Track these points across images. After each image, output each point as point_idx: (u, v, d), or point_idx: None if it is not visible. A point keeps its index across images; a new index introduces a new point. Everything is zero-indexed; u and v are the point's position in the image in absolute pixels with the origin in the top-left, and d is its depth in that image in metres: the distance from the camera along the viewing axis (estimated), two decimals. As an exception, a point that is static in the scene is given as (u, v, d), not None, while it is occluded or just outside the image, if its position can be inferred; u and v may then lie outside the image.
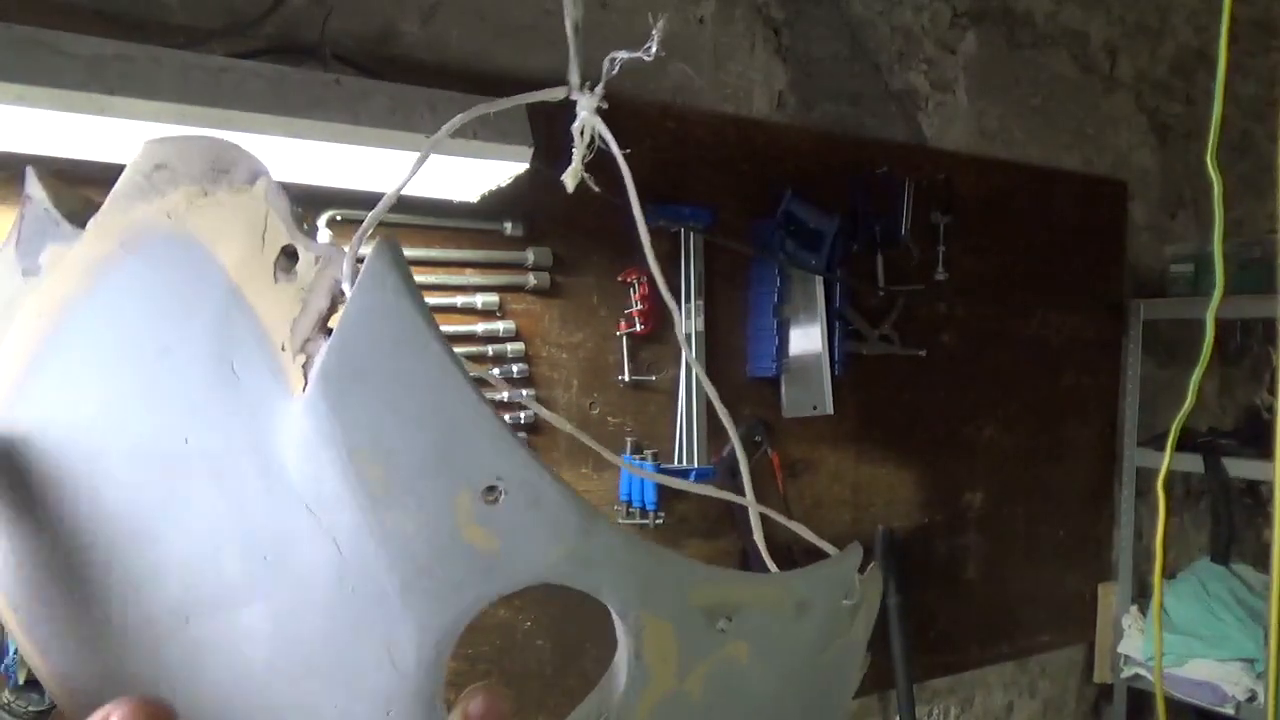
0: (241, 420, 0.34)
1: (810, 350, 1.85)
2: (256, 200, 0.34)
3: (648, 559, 0.37)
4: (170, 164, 0.35)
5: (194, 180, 0.34)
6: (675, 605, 0.37)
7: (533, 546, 0.34)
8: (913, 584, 2.07)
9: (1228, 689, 2.19)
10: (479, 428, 0.33)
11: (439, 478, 0.33)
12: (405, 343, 0.32)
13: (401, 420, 0.33)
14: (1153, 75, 2.58)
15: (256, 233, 0.34)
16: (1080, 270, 2.41)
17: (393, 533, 0.33)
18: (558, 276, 1.61)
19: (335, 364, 0.32)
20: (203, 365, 0.34)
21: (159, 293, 0.35)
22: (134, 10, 1.29)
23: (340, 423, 0.32)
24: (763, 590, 0.40)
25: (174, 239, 0.34)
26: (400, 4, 1.50)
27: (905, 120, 2.11)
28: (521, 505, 0.33)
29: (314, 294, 0.33)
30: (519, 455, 0.33)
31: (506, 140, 1.16)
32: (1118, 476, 2.49)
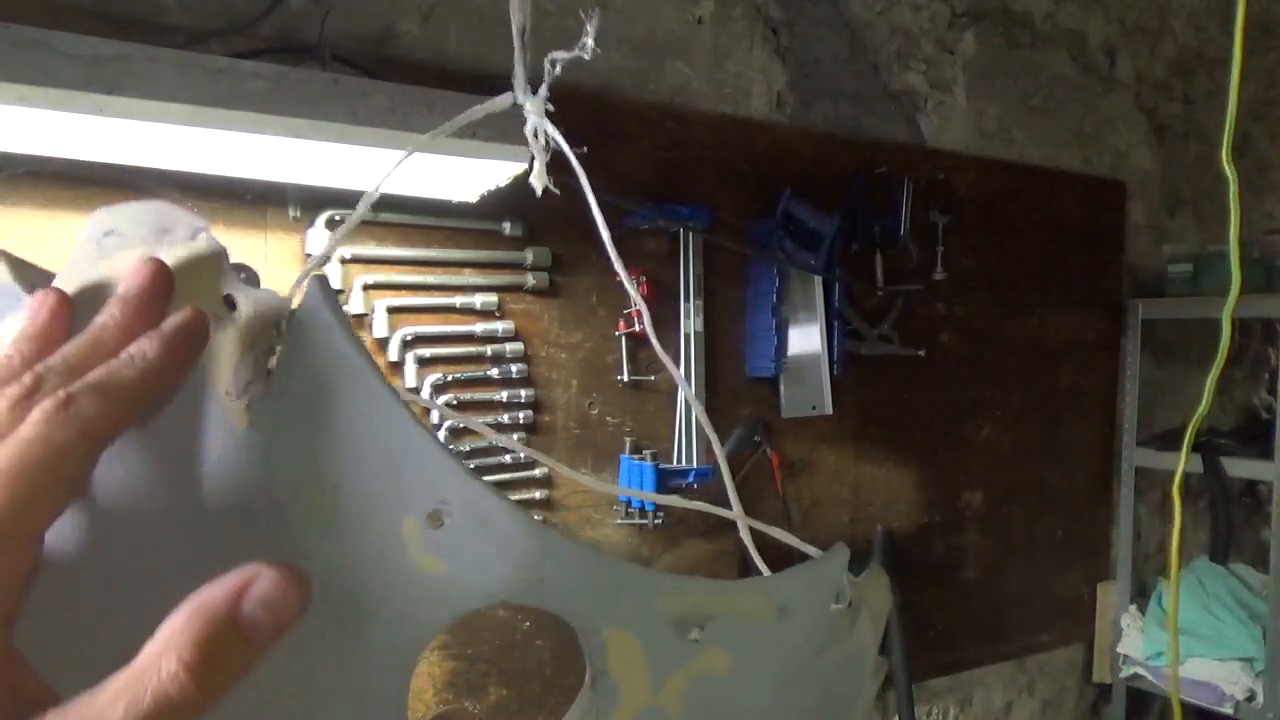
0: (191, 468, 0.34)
1: (809, 350, 1.85)
2: (199, 254, 0.35)
3: (604, 573, 0.36)
4: (118, 229, 0.36)
5: (140, 241, 0.36)
6: (639, 618, 0.37)
7: (481, 568, 0.34)
8: (912, 584, 2.07)
9: (1227, 688, 2.19)
10: (419, 453, 0.33)
11: (384, 505, 0.33)
12: (339, 376, 0.33)
13: (339, 453, 0.33)
14: (1152, 75, 2.58)
15: (199, 285, 0.35)
16: (1079, 270, 2.41)
17: (341, 565, 0.33)
18: (557, 276, 1.61)
19: (270, 404, 0.33)
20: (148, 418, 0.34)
21: None
22: (133, 10, 1.29)
23: (278, 461, 0.33)
24: (737, 597, 0.39)
25: None
26: (399, 4, 1.50)
27: (904, 120, 2.11)
28: (467, 527, 0.33)
29: (253, 337, 0.34)
30: (461, 477, 0.34)
31: (506, 140, 1.16)
32: (1116, 476, 2.49)
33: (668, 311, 1.72)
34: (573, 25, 1.68)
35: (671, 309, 1.72)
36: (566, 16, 1.65)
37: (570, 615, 0.36)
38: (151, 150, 1.10)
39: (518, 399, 1.57)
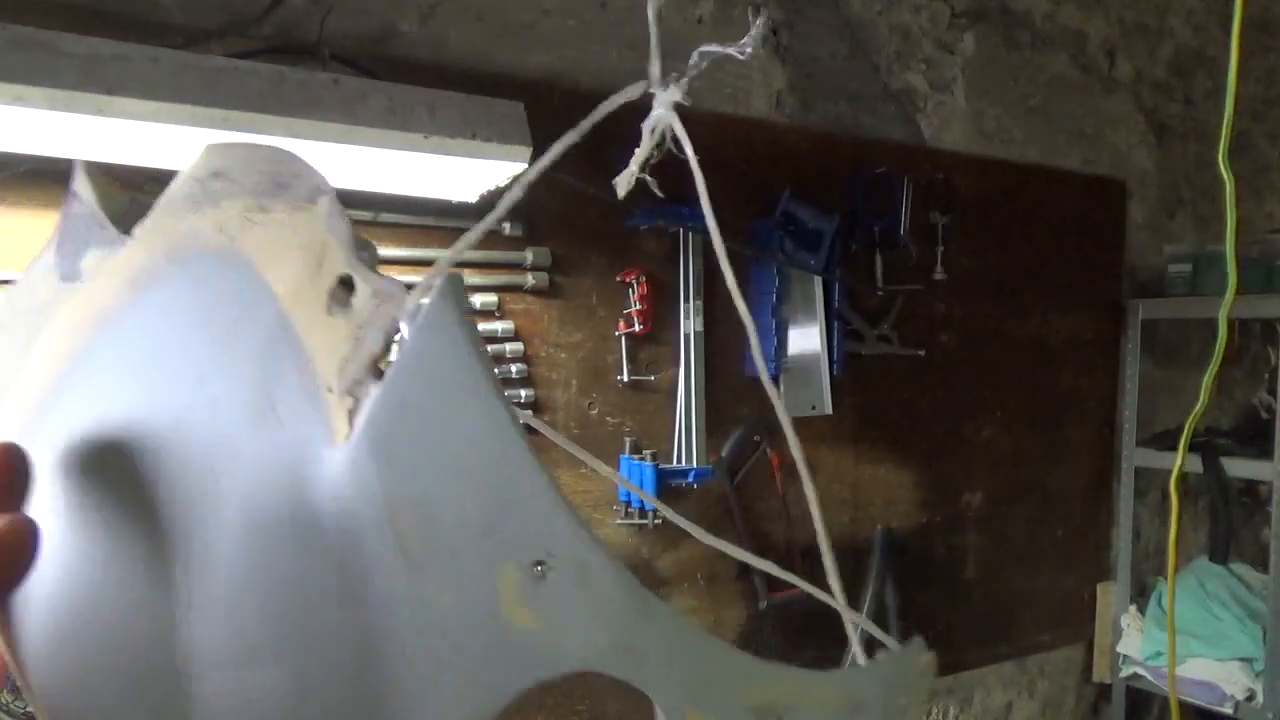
0: (278, 464, 0.31)
1: (809, 350, 1.85)
2: (316, 222, 0.31)
3: (701, 653, 0.33)
4: (229, 173, 0.32)
5: (252, 193, 0.32)
6: (725, 705, 0.34)
7: (578, 631, 0.31)
8: (912, 584, 2.07)
9: (1226, 688, 2.19)
10: (533, 495, 0.30)
11: (485, 546, 0.30)
12: (463, 396, 0.29)
13: (450, 479, 0.30)
14: (1151, 75, 2.58)
15: (313, 258, 0.31)
16: (1079, 270, 2.41)
17: (428, 603, 0.30)
18: (556, 277, 1.61)
19: (385, 412, 0.29)
20: (242, 401, 0.31)
21: (202, 315, 0.32)
22: (132, 10, 1.29)
23: (383, 477, 0.29)
24: (817, 689, 0.36)
25: (224, 257, 0.31)
26: (399, 4, 1.50)
27: (904, 120, 2.11)
28: (570, 584, 0.30)
29: (369, 333, 0.30)
30: (574, 528, 0.30)
31: (506, 140, 1.16)
32: (1116, 476, 2.49)
33: (668, 312, 1.72)
34: (573, 25, 1.69)
35: (671, 309, 1.72)
36: (567, 17, 1.65)
37: (660, 693, 0.33)
38: (151, 150, 1.10)
39: (517, 399, 1.57)
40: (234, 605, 0.31)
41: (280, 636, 0.31)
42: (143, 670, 0.31)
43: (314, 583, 0.31)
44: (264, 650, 0.31)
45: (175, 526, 0.31)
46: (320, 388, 0.30)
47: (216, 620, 0.31)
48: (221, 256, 0.31)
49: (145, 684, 0.31)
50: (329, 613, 0.31)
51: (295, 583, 0.31)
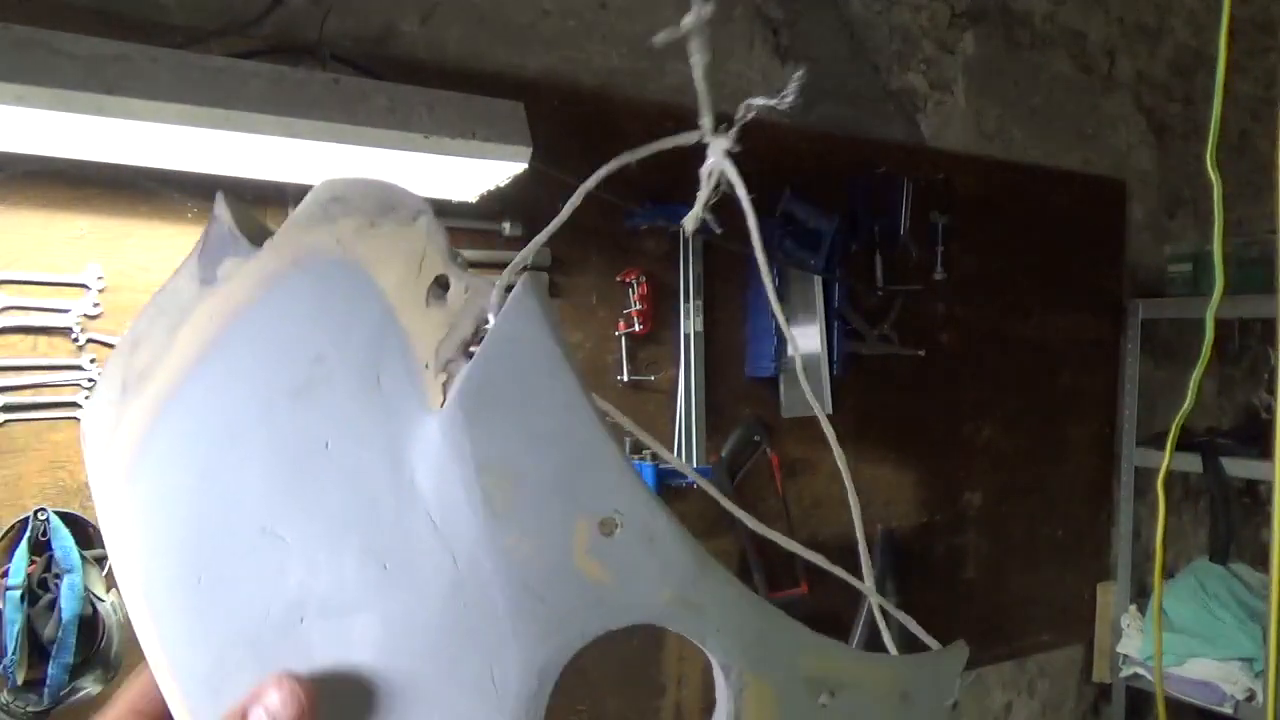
0: (381, 430, 0.36)
1: (809, 350, 1.85)
2: (418, 234, 0.37)
3: (759, 615, 0.37)
4: (345, 198, 0.38)
5: (364, 214, 0.38)
6: (782, 669, 0.37)
7: (643, 584, 0.35)
8: (912, 584, 2.07)
9: (1226, 688, 2.19)
10: (603, 459, 0.34)
11: (560, 502, 0.34)
12: (542, 370, 0.34)
13: (531, 442, 0.34)
14: (1151, 75, 2.58)
15: (415, 262, 0.37)
16: (1079, 270, 2.41)
17: (510, 552, 0.34)
18: (556, 276, 1.61)
19: (475, 382, 0.34)
20: (352, 375, 0.36)
21: (321, 307, 0.38)
22: (132, 10, 1.29)
23: (472, 438, 0.34)
24: (869, 670, 0.40)
25: (340, 262, 0.37)
26: (399, 4, 1.50)
27: (904, 120, 2.11)
28: (636, 541, 0.34)
29: (461, 319, 0.36)
30: (639, 491, 0.35)
31: (505, 140, 1.16)
32: (1116, 476, 2.49)
33: (668, 312, 1.72)
34: (573, 25, 1.69)
35: (671, 309, 1.72)
36: (567, 17, 1.65)
37: (718, 651, 0.36)
38: (151, 150, 1.10)
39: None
40: (335, 553, 0.36)
41: (376, 585, 0.35)
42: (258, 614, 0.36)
43: (408, 534, 0.35)
44: (361, 597, 0.35)
45: (288, 481, 0.37)
46: (419, 365, 0.36)
47: (321, 568, 0.36)
48: (338, 262, 0.38)
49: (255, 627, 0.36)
50: (421, 561, 0.35)
51: (391, 534, 0.35)
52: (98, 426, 0.40)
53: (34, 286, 1.23)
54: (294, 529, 0.36)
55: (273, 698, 0.34)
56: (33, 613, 1.18)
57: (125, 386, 0.39)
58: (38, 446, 1.24)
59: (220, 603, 0.37)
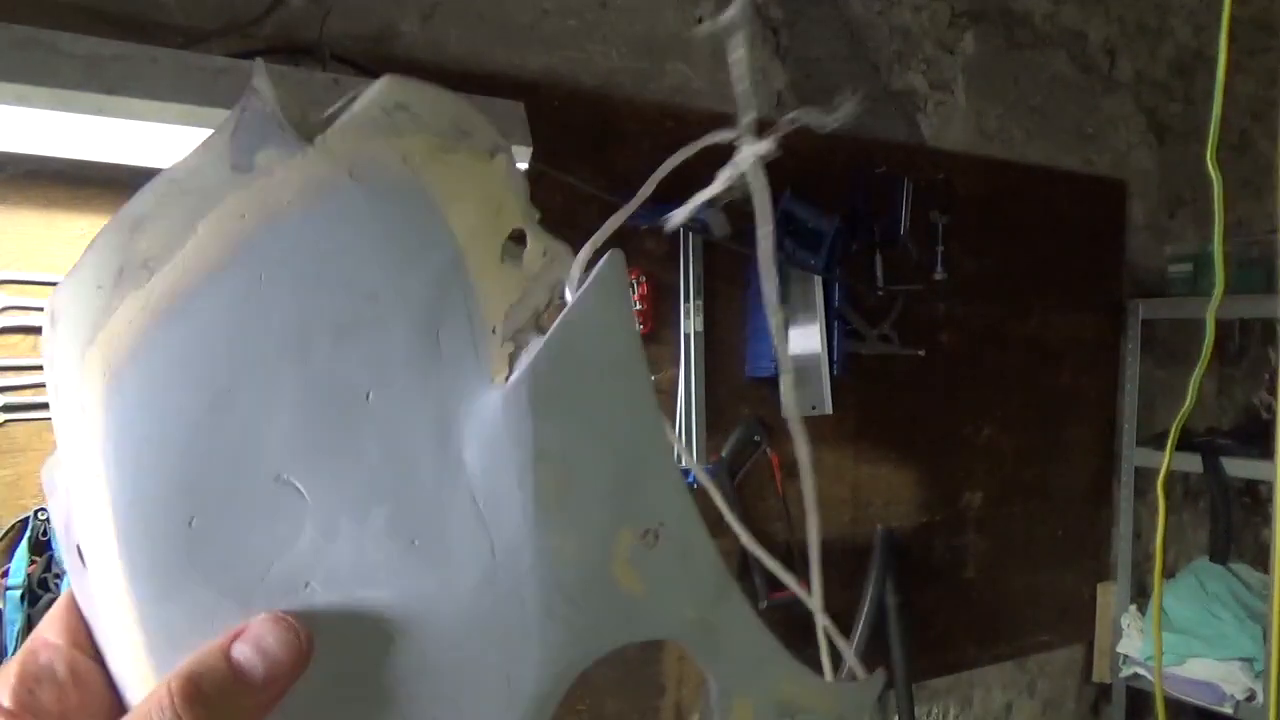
0: (431, 392, 0.32)
1: (809, 350, 1.85)
2: (496, 175, 0.33)
3: (763, 642, 0.36)
4: (413, 107, 0.33)
5: (436, 132, 0.33)
6: (765, 694, 0.37)
7: (673, 600, 0.33)
8: (912, 584, 2.07)
9: (1226, 688, 2.19)
10: (660, 468, 0.33)
11: (611, 507, 0.32)
12: (618, 365, 0.32)
13: (595, 439, 0.32)
14: (1152, 75, 2.58)
15: (492, 207, 0.33)
16: (1079, 270, 2.41)
17: (551, 550, 0.32)
18: (557, 276, 1.61)
19: (547, 364, 0.31)
20: (407, 324, 0.32)
21: (380, 234, 0.32)
22: (133, 10, 1.29)
23: (536, 424, 0.31)
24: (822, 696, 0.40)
25: (407, 185, 0.32)
26: (399, 4, 1.50)
27: (904, 120, 2.11)
28: (674, 556, 0.33)
29: (536, 285, 0.33)
30: (686, 505, 0.33)
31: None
32: (1116, 476, 2.49)
33: (668, 312, 1.72)
34: (574, 25, 1.69)
35: (672, 309, 1.72)
36: (567, 17, 1.65)
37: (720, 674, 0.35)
38: (151, 150, 1.10)
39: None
40: (359, 519, 0.32)
41: (401, 561, 0.32)
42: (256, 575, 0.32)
43: (446, 511, 0.32)
44: (380, 571, 0.32)
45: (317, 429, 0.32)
46: (485, 327, 0.32)
47: (339, 532, 0.32)
48: (404, 185, 0.32)
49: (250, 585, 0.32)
50: (456, 543, 0.32)
51: (426, 508, 0.32)
52: (76, 311, 0.33)
53: (34, 286, 1.24)
54: (314, 483, 0.32)
55: (268, 636, 0.31)
56: (33, 613, 1.18)
57: (121, 273, 0.32)
58: (38, 446, 1.24)
59: (213, 551, 0.32)
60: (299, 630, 0.31)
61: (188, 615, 0.32)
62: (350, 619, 0.32)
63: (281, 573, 0.32)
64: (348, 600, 0.32)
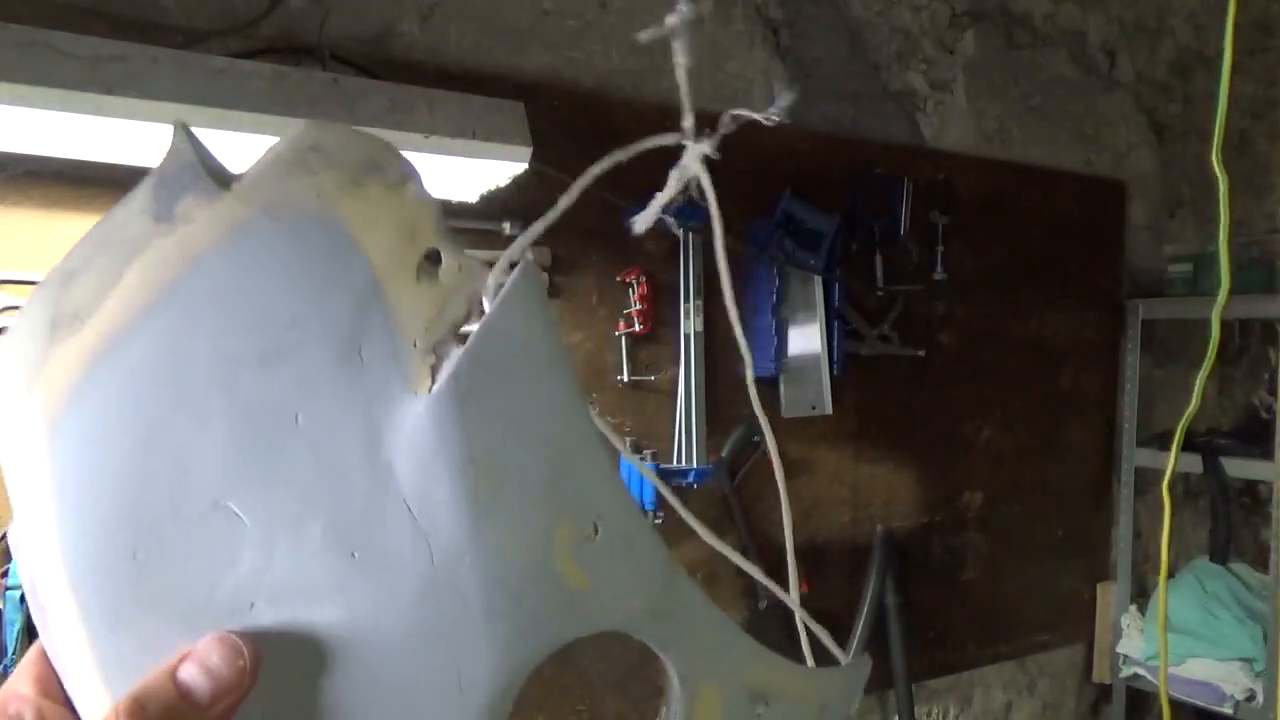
0: (359, 409, 0.33)
1: (809, 350, 1.85)
2: (407, 201, 0.35)
3: (717, 628, 0.37)
4: (325, 147, 0.35)
5: (347, 169, 0.34)
6: (730, 679, 0.37)
7: (619, 590, 0.34)
8: (912, 583, 2.07)
9: (1226, 688, 2.19)
10: (591, 462, 0.34)
11: (546, 503, 0.33)
12: (538, 366, 0.33)
13: (521, 438, 0.33)
14: (1151, 75, 2.58)
15: (405, 231, 0.34)
16: (1079, 270, 2.41)
17: (490, 550, 0.32)
18: (557, 276, 1.61)
19: (468, 370, 0.33)
20: (329, 346, 0.33)
21: (298, 266, 0.34)
22: (132, 10, 1.29)
23: (462, 428, 0.32)
24: (799, 682, 0.40)
25: (320, 219, 0.34)
26: (398, 4, 1.50)
27: (904, 120, 2.11)
28: (615, 547, 0.34)
29: (453, 300, 0.34)
30: (623, 496, 0.34)
31: (505, 140, 1.16)
32: (1116, 476, 2.49)
33: (668, 312, 1.72)
34: (573, 25, 1.69)
35: (672, 309, 1.72)
36: (567, 18, 1.65)
37: (678, 660, 0.36)
38: (151, 150, 1.10)
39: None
40: (297, 536, 0.33)
41: (343, 574, 0.33)
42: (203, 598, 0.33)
43: (382, 521, 0.33)
44: (323, 585, 0.33)
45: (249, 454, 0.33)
46: (406, 342, 0.34)
47: (279, 551, 0.33)
48: (318, 219, 0.34)
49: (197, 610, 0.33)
50: (394, 551, 0.33)
51: (362, 520, 0.33)
52: (14, 365, 0.34)
53: (34, 286, 1.23)
54: (251, 506, 0.33)
55: (212, 656, 0.31)
56: (33, 613, 1.18)
57: (54, 325, 0.34)
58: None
59: (158, 581, 0.33)
60: (243, 648, 0.32)
61: (139, 646, 0.33)
62: (297, 634, 0.33)
63: (226, 595, 0.33)
64: (294, 616, 0.33)
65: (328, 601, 0.33)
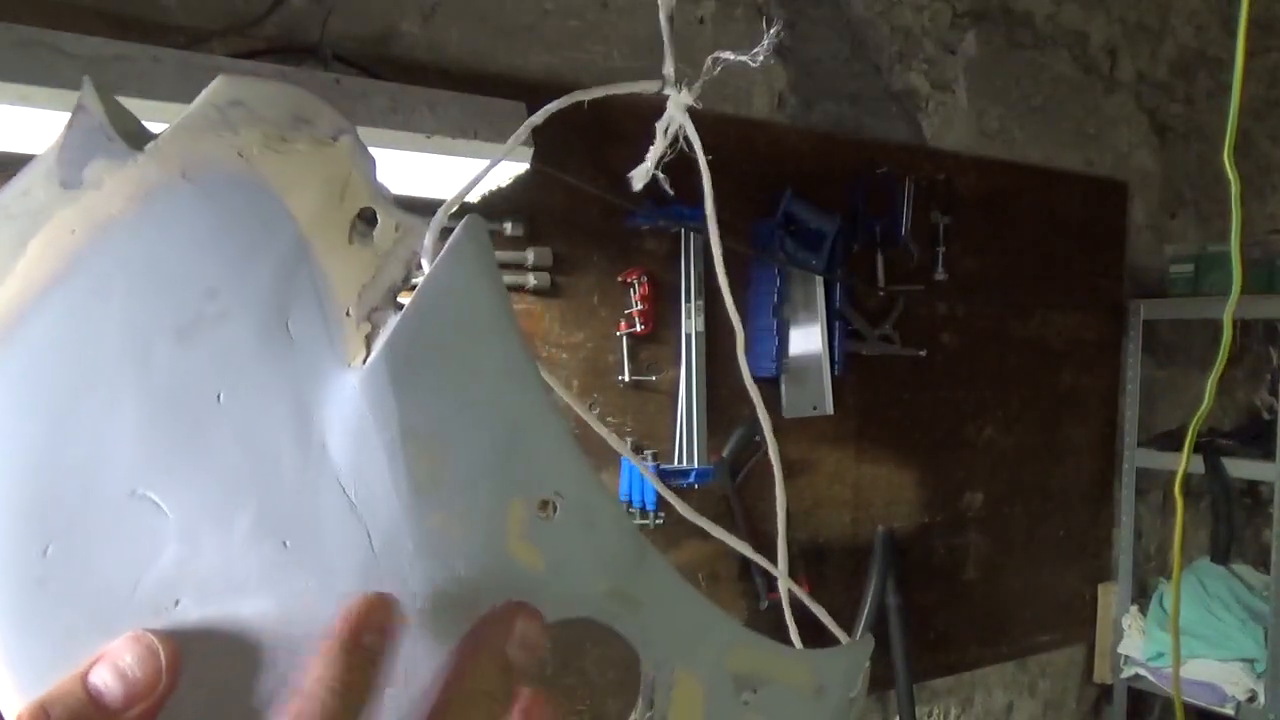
0: (287, 385, 0.31)
1: (810, 350, 1.85)
2: (339, 157, 0.32)
3: (696, 609, 0.34)
4: (248, 103, 0.32)
5: (272, 125, 0.32)
6: (711, 665, 0.34)
7: (580, 573, 0.31)
8: (913, 584, 2.07)
9: (1228, 689, 2.19)
10: (546, 435, 0.31)
11: (496, 481, 0.30)
12: (483, 330, 0.30)
13: (465, 411, 0.30)
14: (1153, 75, 2.58)
15: (335, 190, 0.32)
16: (1080, 270, 2.41)
17: (435, 534, 0.30)
18: (558, 276, 1.61)
19: (405, 337, 0.30)
20: (252, 317, 0.31)
21: (217, 231, 0.31)
22: (134, 10, 1.30)
23: (399, 402, 0.30)
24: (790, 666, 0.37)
25: (243, 180, 0.31)
26: (400, 4, 1.50)
27: (905, 120, 2.11)
28: (575, 526, 0.31)
29: (389, 262, 0.32)
30: (582, 471, 0.31)
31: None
32: (1117, 476, 2.49)
33: (669, 311, 1.72)
34: (575, 25, 1.69)
35: (673, 309, 1.72)
36: (568, 17, 1.66)
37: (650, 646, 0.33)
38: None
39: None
40: (224, 526, 0.30)
41: (274, 565, 0.30)
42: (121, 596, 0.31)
43: (315, 508, 0.30)
44: (253, 578, 0.30)
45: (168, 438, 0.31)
46: (338, 311, 0.31)
47: (204, 543, 0.30)
48: (240, 179, 0.31)
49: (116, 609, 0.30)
50: (330, 539, 0.30)
51: (294, 506, 0.30)
52: None
53: None
54: (172, 494, 0.30)
55: (125, 656, 0.29)
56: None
57: None
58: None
59: (73, 579, 0.30)
60: (159, 648, 0.29)
61: (53, 648, 0.30)
62: (226, 631, 0.30)
63: (147, 592, 0.30)
64: (223, 613, 0.30)
65: (260, 594, 0.30)
